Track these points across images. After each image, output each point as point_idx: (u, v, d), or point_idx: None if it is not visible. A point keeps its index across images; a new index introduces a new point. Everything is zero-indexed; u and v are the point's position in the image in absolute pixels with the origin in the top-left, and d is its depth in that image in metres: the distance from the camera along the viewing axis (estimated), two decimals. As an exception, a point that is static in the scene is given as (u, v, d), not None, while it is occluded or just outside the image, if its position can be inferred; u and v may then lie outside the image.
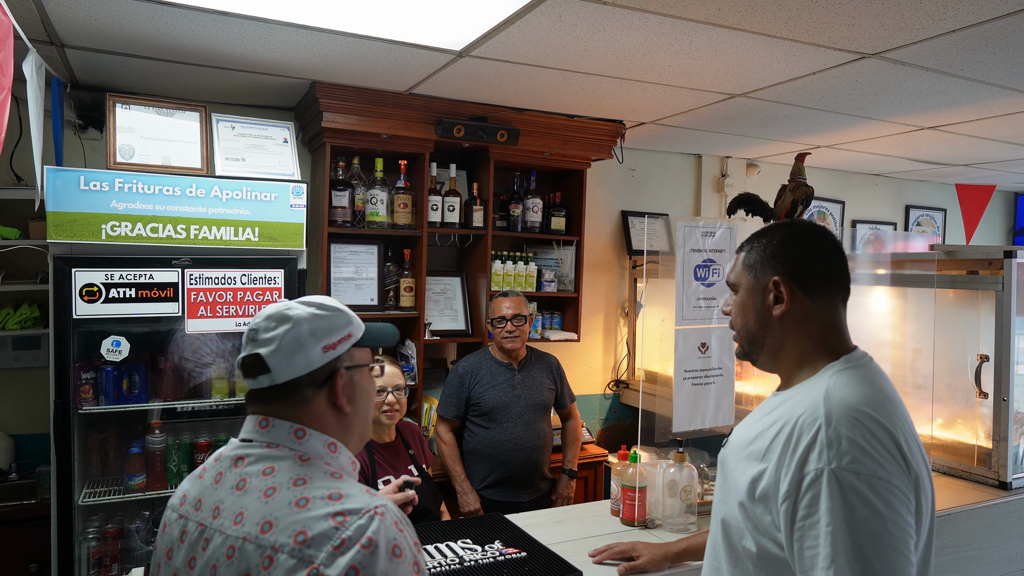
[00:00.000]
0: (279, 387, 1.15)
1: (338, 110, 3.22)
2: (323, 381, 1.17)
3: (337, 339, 1.18)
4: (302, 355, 1.14)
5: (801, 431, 1.22)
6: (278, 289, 2.87)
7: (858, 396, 1.24)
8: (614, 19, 2.29)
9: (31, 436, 3.22)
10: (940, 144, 4.21)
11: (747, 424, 1.40)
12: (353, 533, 1.00)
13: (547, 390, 3.25)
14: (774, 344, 1.39)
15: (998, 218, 6.36)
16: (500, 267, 3.80)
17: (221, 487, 1.13)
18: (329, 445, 1.17)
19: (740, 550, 1.31)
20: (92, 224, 2.58)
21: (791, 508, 1.19)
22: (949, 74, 2.81)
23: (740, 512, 1.30)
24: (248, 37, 2.55)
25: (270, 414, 1.16)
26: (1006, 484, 2.65)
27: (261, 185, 2.83)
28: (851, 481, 1.14)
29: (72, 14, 2.35)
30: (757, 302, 1.40)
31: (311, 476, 1.09)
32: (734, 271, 1.47)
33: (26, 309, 3.07)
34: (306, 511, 1.03)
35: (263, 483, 1.09)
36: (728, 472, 1.38)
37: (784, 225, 1.42)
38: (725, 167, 4.89)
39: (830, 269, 1.37)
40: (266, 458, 1.12)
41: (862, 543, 1.12)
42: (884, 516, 1.13)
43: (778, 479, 1.22)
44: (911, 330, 3.14)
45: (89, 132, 3.34)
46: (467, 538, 2.11)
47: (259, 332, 1.16)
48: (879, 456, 1.17)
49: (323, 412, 1.17)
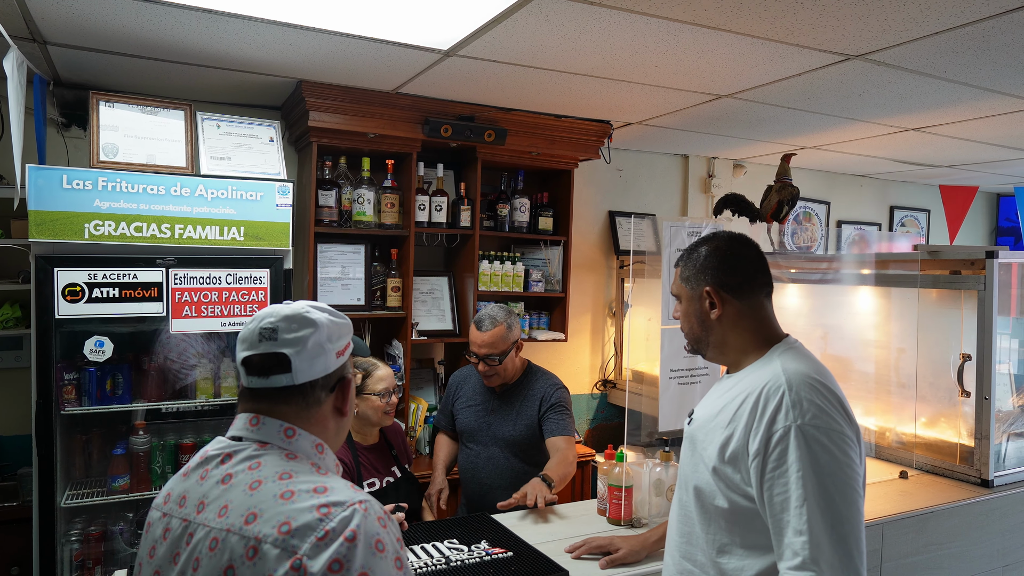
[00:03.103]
0: (295, 388, 1.17)
1: (325, 109, 3.21)
2: (334, 385, 1.22)
3: (344, 345, 1.25)
4: (323, 359, 1.19)
5: (768, 397, 1.44)
6: (264, 289, 2.86)
7: (808, 368, 1.49)
8: (601, 19, 2.30)
9: (12, 437, 3.18)
10: (924, 145, 4.25)
11: (709, 402, 1.62)
12: (337, 525, 1.01)
13: (522, 426, 2.71)
14: (717, 341, 1.62)
15: (981, 219, 6.43)
16: (488, 267, 3.80)
17: (206, 483, 1.13)
18: (317, 446, 1.19)
19: (712, 510, 1.52)
20: (75, 223, 2.56)
21: (761, 463, 1.40)
22: (933, 76, 2.83)
23: (712, 476, 1.51)
24: (234, 35, 2.54)
25: (264, 412, 1.17)
26: (988, 482, 2.68)
27: (247, 184, 2.81)
28: (814, 434, 1.38)
29: (55, 11, 2.33)
30: (696, 309, 1.63)
31: (297, 471, 1.11)
32: (675, 284, 1.70)
33: (8, 309, 3.04)
34: (291, 503, 1.04)
35: (249, 477, 1.10)
36: (697, 444, 1.58)
37: (708, 239, 1.66)
38: (712, 168, 4.91)
39: (751, 272, 1.60)
40: (253, 455, 1.14)
41: (826, 484, 1.35)
42: (841, 461, 1.37)
43: (747, 440, 1.44)
44: (895, 329, 3.17)
45: (72, 130, 3.30)
46: (453, 538, 2.11)
47: (279, 332, 1.16)
48: (834, 413, 1.41)
49: (328, 415, 1.22)
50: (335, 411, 1.23)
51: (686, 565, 1.59)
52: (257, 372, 1.17)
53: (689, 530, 1.59)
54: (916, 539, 2.45)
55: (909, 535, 2.43)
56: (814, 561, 1.31)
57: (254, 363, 1.17)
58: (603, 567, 1.97)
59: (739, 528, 1.48)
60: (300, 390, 1.18)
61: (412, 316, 3.62)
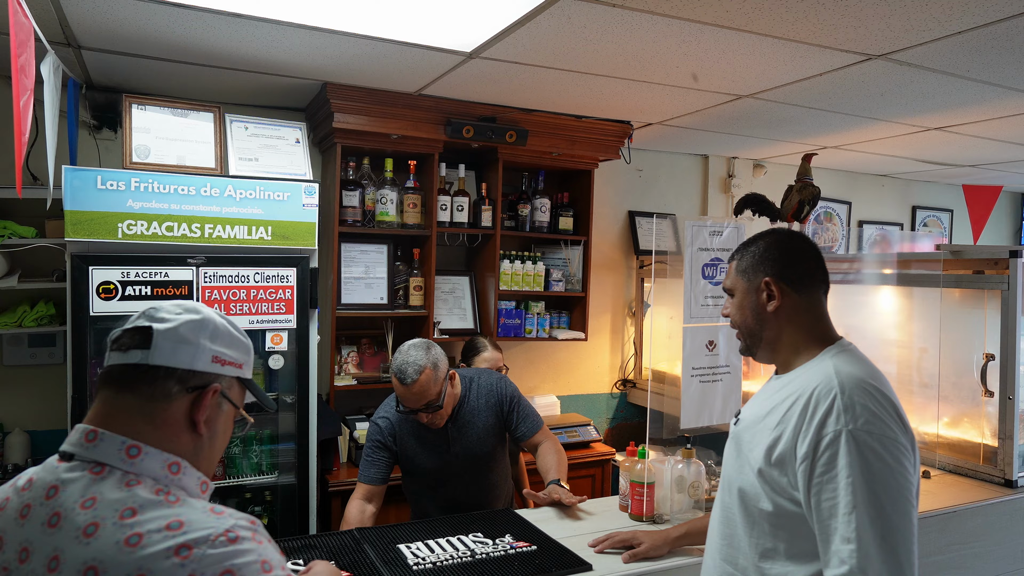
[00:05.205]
0: (145, 370, 1.02)
1: (349, 111, 3.26)
2: (193, 387, 1.06)
3: (229, 360, 1.11)
4: (190, 348, 1.05)
5: (818, 400, 1.40)
6: (291, 288, 2.91)
7: (862, 371, 1.45)
8: (623, 21, 2.32)
9: (46, 432, 3.26)
10: (947, 145, 4.22)
11: (757, 403, 1.59)
12: (206, 567, 0.87)
13: (490, 436, 2.56)
14: (771, 336, 1.59)
15: (1005, 218, 6.36)
16: (508, 266, 3.83)
17: (28, 523, 0.94)
18: (171, 466, 1.01)
19: (756, 513, 1.48)
20: (109, 223, 2.63)
21: (809, 467, 1.36)
22: (956, 75, 2.82)
23: (757, 479, 1.47)
24: (261, 39, 2.59)
25: (105, 423, 1.00)
26: (1011, 482, 2.67)
27: (274, 185, 2.87)
28: (866, 440, 1.33)
29: (90, 17, 2.39)
30: (753, 301, 1.60)
31: (141, 504, 0.92)
32: (729, 277, 1.68)
33: (42, 307, 3.12)
34: (140, 549, 0.87)
35: (81, 518, 0.91)
36: (743, 445, 1.55)
37: (767, 234, 1.65)
38: (732, 168, 4.91)
39: (810, 266, 1.58)
40: (85, 487, 0.95)
41: (877, 492, 1.30)
42: (893, 469, 1.32)
43: (795, 443, 1.40)
44: (917, 329, 3.16)
45: (103, 132, 3.39)
46: (478, 531, 2.15)
47: (159, 311, 1.06)
48: (887, 419, 1.36)
49: (178, 421, 1.04)
50: (187, 421, 1.05)
51: (727, 568, 1.56)
52: (119, 347, 1.04)
53: (731, 532, 1.56)
54: (939, 538, 2.44)
55: (932, 534, 2.43)
56: (862, 571, 1.27)
57: (120, 338, 1.05)
58: (625, 561, 1.99)
59: (784, 533, 1.44)
60: (151, 375, 1.01)
61: (434, 315, 3.66)
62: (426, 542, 2.07)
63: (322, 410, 3.11)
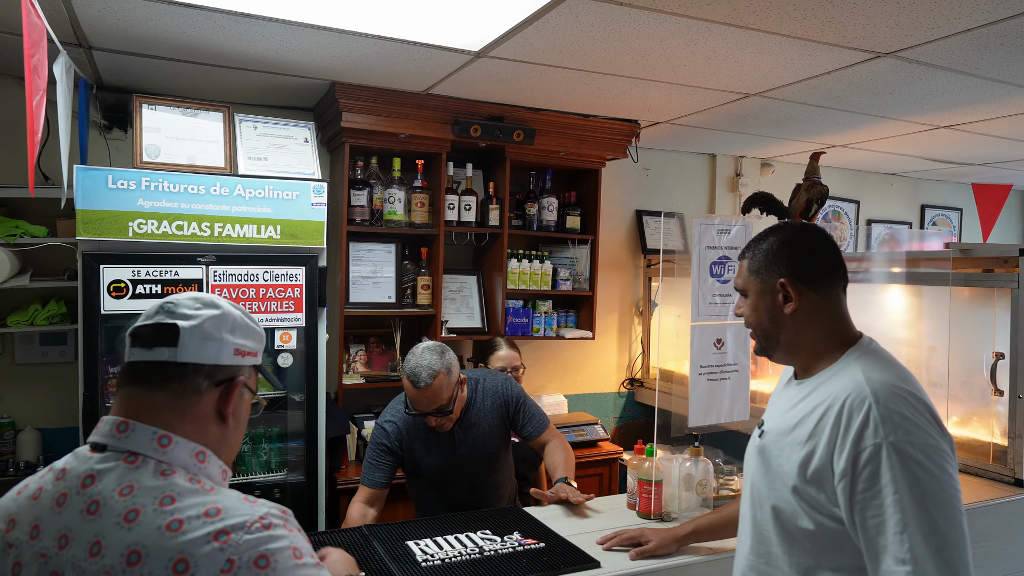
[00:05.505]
0: (174, 367, 1.04)
1: (357, 110, 3.27)
2: (220, 381, 1.09)
3: (248, 350, 1.14)
4: (215, 344, 1.07)
5: (852, 411, 1.31)
6: (299, 286, 2.93)
7: (892, 375, 1.36)
8: (630, 20, 2.32)
9: (58, 430, 3.29)
10: (956, 143, 4.21)
11: (780, 411, 1.50)
12: (243, 552, 0.91)
13: (496, 436, 2.56)
14: (789, 339, 1.49)
15: (1015, 217, 6.33)
16: (516, 265, 3.84)
17: (66, 511, 0.97)
18: (197, 454, 1.05)
19: (795, 531, 1.40)
20: (120, 222, 2.65)
21: (850, 484, 1.29)
22: (964, 73, 2.81)
23: (793, 496, 1.39)
24: (270, 39, 2.61)
25: (136, 412, 1.04)
26: (1021, 481, 2.65)
27: (283, 184, 2.89)
28: (909, 451, 1.25)
29: (101, 17, 2.41)
30: (768, 303, 1.50)
31: (178, 492, 0.97)
32: (740, 277, 1.57)
33: (53, 305, 3.14)
34: (182, 535, 0.91)
35: (120, 505, 0.95)
36: (771, 459, 1.46)
37: (779, 228, 1.53)
38: (739, 167, 4.90)
39: (828, 263, 1.48)
40: (121, 475, 0.98)
41: (927, 506, 1.23)
42: (940, 479, 1.25)
43: (830, 459, 1.32)
44: (926, 328, 3.15)
45: (114, 132, 3.41)
46: (486, 529, 2.15)
47: (179, 307, 1.07)
48: (926, 425, 1.28)
49: (207, 414, 1.08)
50: (216, 413, 1.09)
51: None
52: (142, 343, 1.05)
53: (767, 551, 1.48)
54: (948, 537, 2.43)
55: (940, 533, 2.42)
56: None
57: (141, 334, 1.06)
58: (633, 558, 1.99)
59: (829, 552, 1.37)
60: (180, 372, 1.04)
61: (442, 314, 3.67)
62: (435, 539, 2.08)
63: (330, 408, 3.13)
